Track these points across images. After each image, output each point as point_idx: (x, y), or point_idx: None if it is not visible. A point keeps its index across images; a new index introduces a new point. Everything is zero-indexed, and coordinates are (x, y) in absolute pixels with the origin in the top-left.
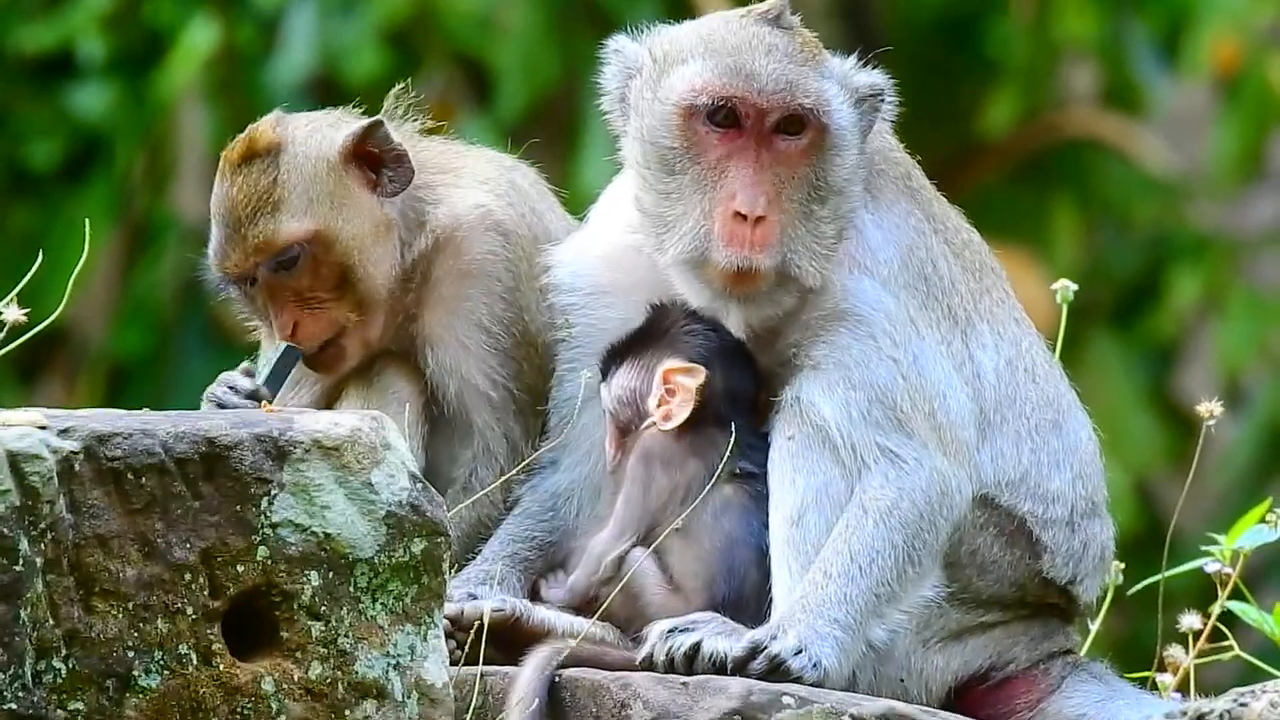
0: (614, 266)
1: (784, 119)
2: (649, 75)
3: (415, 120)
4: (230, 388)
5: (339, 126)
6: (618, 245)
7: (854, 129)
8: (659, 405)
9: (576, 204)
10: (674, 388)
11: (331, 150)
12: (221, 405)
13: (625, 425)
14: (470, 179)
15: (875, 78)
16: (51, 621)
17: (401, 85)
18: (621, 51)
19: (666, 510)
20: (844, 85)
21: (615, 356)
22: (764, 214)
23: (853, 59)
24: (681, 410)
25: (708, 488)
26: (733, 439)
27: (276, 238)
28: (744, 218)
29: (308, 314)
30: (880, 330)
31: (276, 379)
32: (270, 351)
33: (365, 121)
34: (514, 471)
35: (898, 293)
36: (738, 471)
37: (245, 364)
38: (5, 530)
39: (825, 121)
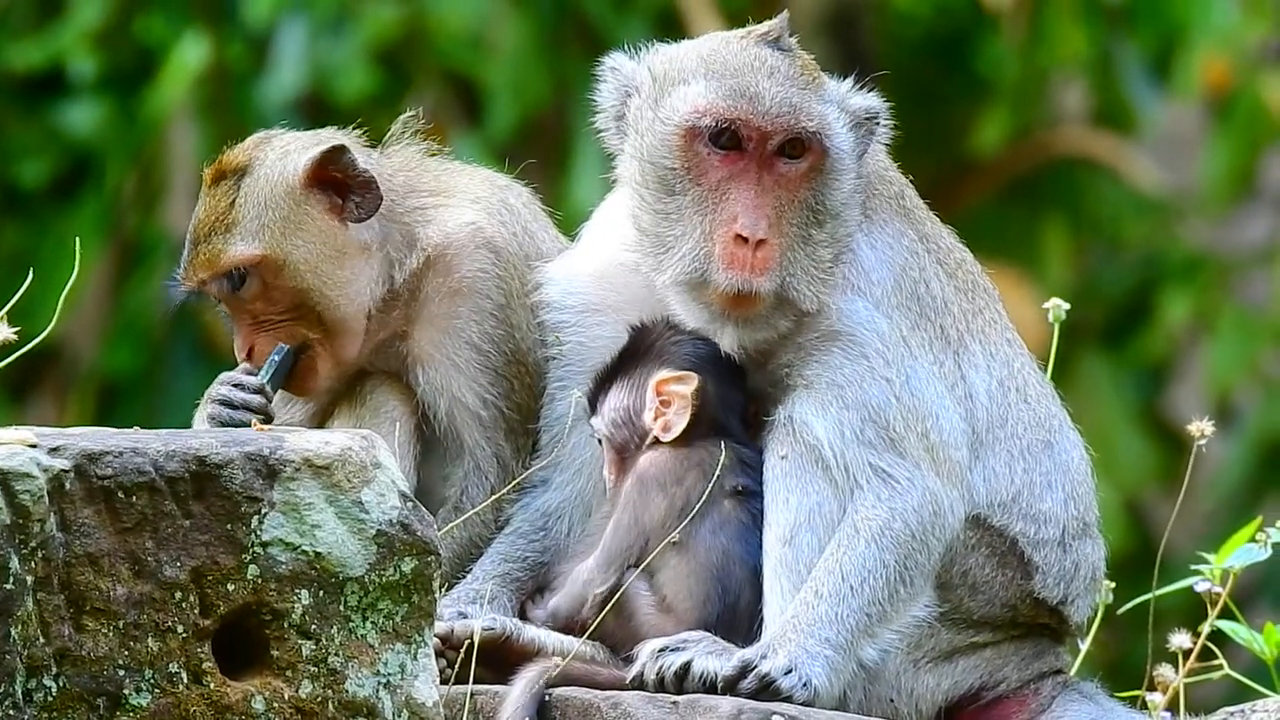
0: (606, 285)
1: (786, 142)
2: (649, 94)
3: (418, 143)
4: (236, 385)
5: (310, 150)
6: (610, 263)
7: (852, 152)
8: (656, 418)
9: (565, 222)
10: (668, 398)
11: (293, 175)
12: (228, 403)
13: (623, 446)
14: (462, 198)
15: (871, 100)
16: (42, 640)
17: (411, 112)
18: (619, 70)
19: (664, 526)
20: (842, 108)
21: (602, 383)
22: (765, 237)
23: (849, 82)
24: (680, 418)
25: (701, 501)
26: (723, 451)
27: (220, 260)
28: (745, 241)
29: (263, 336)
30: (873, 350)
31: (277, 380)
32: (272, 354)
33: (326, 146)
34: (505, 491)
35: (890, 313)
36: (739, 489)
37: (245, 364)
38: None
39: (826, 145)
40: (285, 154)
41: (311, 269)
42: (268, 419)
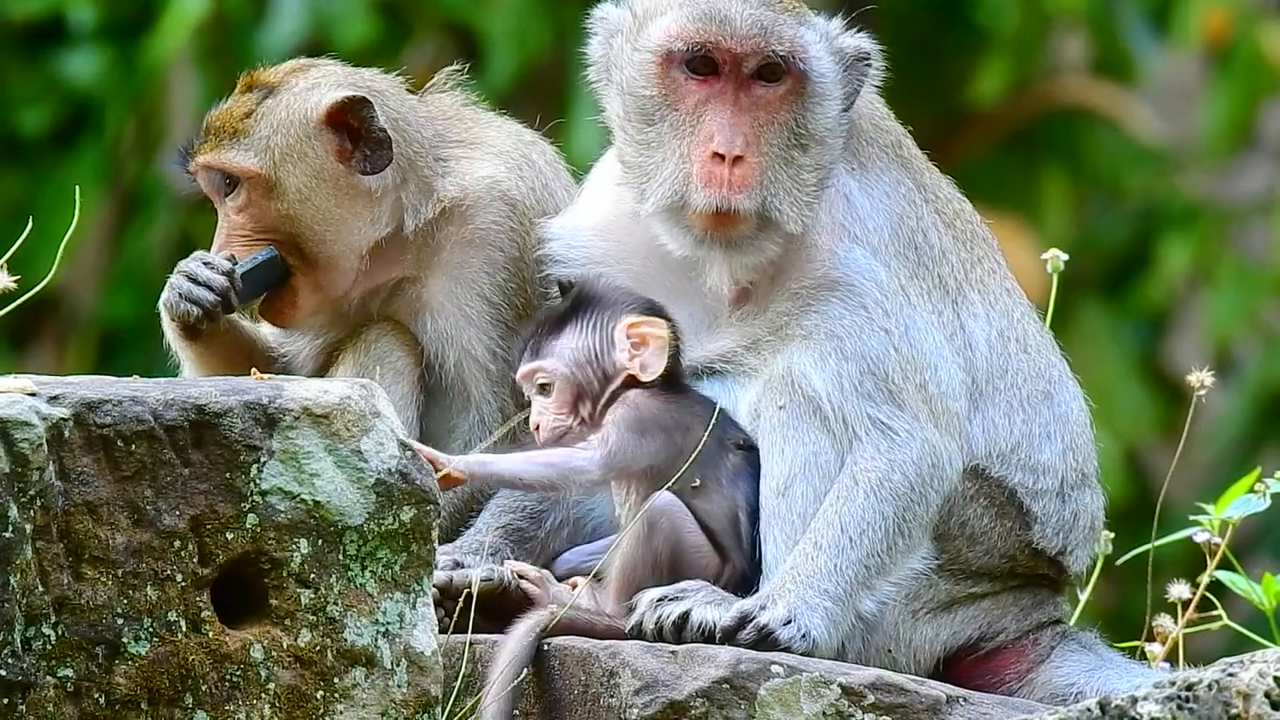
0: (608, 237)
1: (761, 65)
2: (629, 31)
3: (457, 95)
4: (205, 263)
5: (336, 91)
6: (610, 216)
7: (835, 80)
8: (632, 358)
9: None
10: (642, 339)
11: (311, 110)
12: (192, 278)
13: (584, 387)
14: (486, 151)
15: (862, 41)
16: (41, 588)
17: (455, 68)
18: (606, 18)
19: (675, 469)
20: (827, 40)
21: (548, 330)
22: (742, 154)
23: (839, 21)
24: (658, 359)
25: (699, 447)
26: (718, 403)
27: (215, 161)
28: (722, 158)
29: (241, 250)
30: (872, 300)
31: (253, 279)
32: (258, 253)
33: (351, 94)
34: (495, 435)
35: (889, 262)
36: (741, 443)
37: (228, 253)
38: None
39: (803, 68)
40: (314, 86)
41: (302, 200)
42: (227, 307)
